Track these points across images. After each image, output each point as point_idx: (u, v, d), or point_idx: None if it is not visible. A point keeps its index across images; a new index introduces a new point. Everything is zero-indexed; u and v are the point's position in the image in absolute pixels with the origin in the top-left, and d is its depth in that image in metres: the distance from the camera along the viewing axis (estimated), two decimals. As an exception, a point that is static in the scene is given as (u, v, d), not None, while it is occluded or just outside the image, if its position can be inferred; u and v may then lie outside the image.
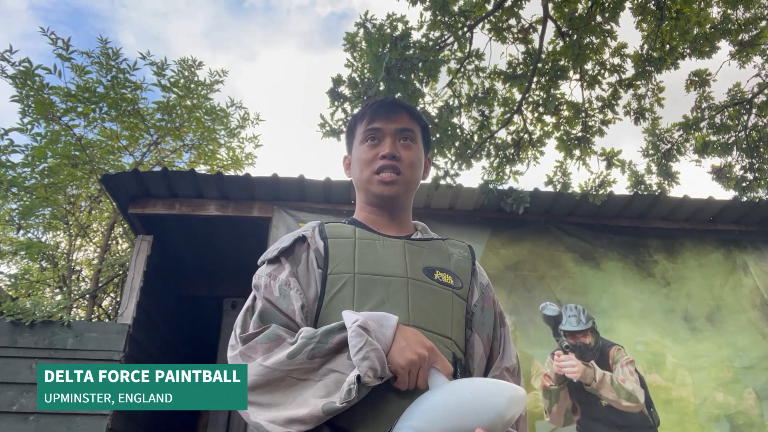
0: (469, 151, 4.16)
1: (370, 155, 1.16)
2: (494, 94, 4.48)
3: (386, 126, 1.17)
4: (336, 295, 1.00)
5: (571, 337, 3.72)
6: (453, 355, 0.99)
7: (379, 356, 0.84)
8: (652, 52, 4.43)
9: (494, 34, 4.30)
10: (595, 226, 4.28)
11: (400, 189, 1.15)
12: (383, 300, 0.98)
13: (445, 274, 1.08)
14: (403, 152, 1.16)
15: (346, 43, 3.69)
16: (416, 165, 1.18)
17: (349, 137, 1.27)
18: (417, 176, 1.20)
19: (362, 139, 1.19)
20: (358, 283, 1.00)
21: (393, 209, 1.18)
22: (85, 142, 4.98)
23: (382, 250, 1.08)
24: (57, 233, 5.87)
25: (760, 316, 4.01)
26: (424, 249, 1.12)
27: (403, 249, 1.09)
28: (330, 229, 1.13)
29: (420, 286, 1.03)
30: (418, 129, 1.22)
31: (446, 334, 1.00)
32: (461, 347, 1.04)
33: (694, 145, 4.83)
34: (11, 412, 3.09)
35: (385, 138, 1.16)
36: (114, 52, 5.02)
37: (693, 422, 3.51)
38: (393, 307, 0.97)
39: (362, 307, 0.97)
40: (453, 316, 1.04)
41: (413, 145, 1.18)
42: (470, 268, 1.15)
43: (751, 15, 4.70)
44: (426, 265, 1.08)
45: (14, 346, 3.28)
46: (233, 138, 6.39)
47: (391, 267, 1.04)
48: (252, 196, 4.04)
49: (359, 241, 1.09)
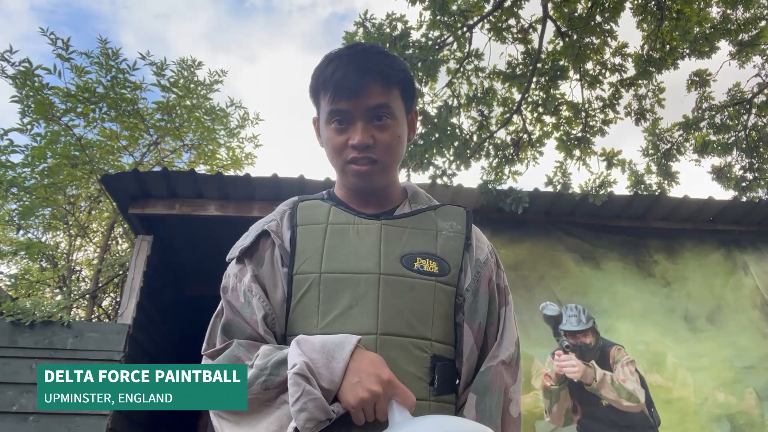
0: (468, 151, 4.16)
1: (338, 141, 0.98)
2: (493, 94, 4.48)
3: (354, 106, 0.96)
4: (302, 299, 0.93)
5: (571, 337, 3.72)
6: (432, 357, 0.91)
7: (318, 405, 0.78)
8: (653, 53, 4.43)
9: (493, 34, 4.30)
10: (595, 227, 4.28)
11: (377, 178, 1.00)
12: (350, 305, 0.90)
13: (427, 260, 0.96)
14: (378, 135, 0.97)
15: (346, 43, 3.69)
16: (396, 143, 1.00)
17: (314, 100, 1.06)
18: (398, 154, 1.03)
19: (327, 119, 0.99)
20: (324, 285, 0.92)
21: (371, 193, 1.05)
22: (84, 143, 4.98)
23: (355, 238, 0.97)
24: (57, 233, 5.87)
25: (760, 316, 4.01)
26: (405, 229, 0.99)
27: (378, 235, 0.97)
28: (303, 211, 1.03)
29: (394, 282, 0.92)
30: (396, 93, 1.01)
31: (424, 335, 0.91)
32: (449, 342, 0.95)
33: (694, 145, 4.84)
34: (11, 412, 3.09)
35: (355, 122, 0.97)
36: (114, 52, 5.02)
37: (694, 422, 3.51)
38: (360, 313, 0.90)
39: (328, 314, 0.90)
40: (435, 311, 0.93)
41: (390, 121, 0.98)
42: (462, 244, 1.00)
43: (750, 15, 4.70)
44: (405, 253, 0.95)
45: (14, 346, 3.28)
46: (233, 138, 6.39)
47: (363, 261, 0.94)
48: (252, 196, 4.04)
49: (331, 228, 0.98)
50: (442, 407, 0.91)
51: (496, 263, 1.06)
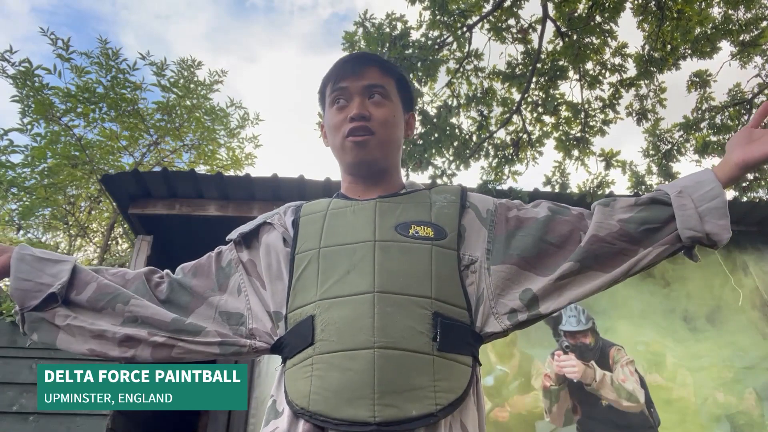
0: (468, 151, 4.16)
1: (338, 119, 1.06)
2: (493, 94, 4.48)
3: (353, 84, 1.06)
4: (302, 274, 0.96)
5: (571, 337, 3.72)
6: (433, 313, 0.89)
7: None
8: (654, 53, 4.43)
9: (493, 34, 4.30)
10: (595, 226, 4.28)
11: (375, 151, 1.05)
12: (347, 270, 0.93)
13: (422, 227, 0.98)
14: (374, 110, 1.05)
15: (345, 42, 3.69)
16: (391, 123, 1.06)
17: (321, 101, 1.15)
18: (394, 135, 1.08)
19: (330, 102, 1.09)
20: (322, 258, 0.96)
21: (373, 174, 1.08)
22: (84, 143, 4.98)
23: (351, 216, 1.01)
24: (57, 233, 5.88)
25: (760, 317, 4.01)
26: (400, 205, 1.02)
27: (373, 210, 1.01)
28: (306, 207, 1.09)
29: (389, 246, 0.94)
30: (392, 83, 1.10)
31: (423, 293, 0.91)
32: (457, 304, 0.93)
33: (694, 146, 4.84)
34: (11, 412, 3.09)
35: (353, 98, 1.05)
36: (114, 52, 5.02)
37: (694, 422, 3.51)
38: (357, 275, 0.92)
39: (326, 282, 0.93)
40: (434, 273, 0.93)
41: (386, 101, 1.07)
42: (457, 212, 1.02)
43: (752, 15, 4.70)
44: (399, 222, 0.98)
45: (14, 346, 3.28)
46: (233, 138, 6.40)
47: (358, 233, 0.97)
48: (252, 196, 4.04)
49: (330, 213, 1.03)
50: (447, 364, 0.87)
51: (507, 205, 1.06)
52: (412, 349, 0.85)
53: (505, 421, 3.42)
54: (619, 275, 0.94)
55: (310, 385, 0.85)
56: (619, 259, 0.94)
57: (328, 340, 0.87)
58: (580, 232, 0.98)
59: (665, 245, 0.93)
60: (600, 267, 0.94)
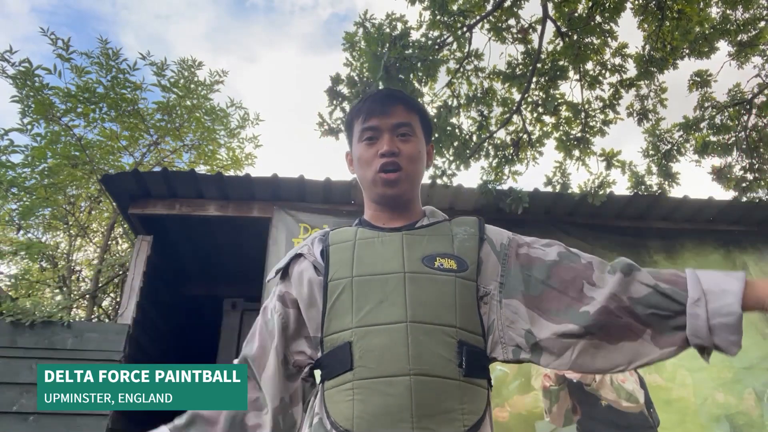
0: (468, 151, 4.16)
1: (369, 154, 1.15)
2: (493, 94, 4.48)
3: (382, 122, 1.15)
4: (336, 301, 1.03)
5: (570, 337, 3.72)
6: (459, 342, 0.98)
7: None
8: (654, 53, 4.43)
9: (493, 34, 4.30)
10: (595, 227, 4.28)
11: (404, 186, 1.14)
12: (381, 300, 1.00)
13: (446, 259, 1.06)
14: (402, 146, 1.14)
15: (345, 43, 3.69)
16: (416, 157, 1.17)
17: (348, 133, 1.26)
18: (419, 168, 1.18)
19: (360, 138, 1.18)
20: (356, 286, 1.03)
21: (398, 205, 1.17)
22: (85, 143, 4.98)
23: (380, 247, 1.09)
24: (57, 233, 5.88)
25: (759, 317, 4.01)
26: (424, 237, 1.10)
27: (401, 242, 1.09)
28: (333, 235, 1.16)
29: (418, 278, 1.02)
30: (416, 119, 1.20)
31: (450, 323, 0.99)
32: (476, 332, 1.02)
33: (694, 146, 4.83)
34: (11, 412, 3.09)
35: (383, 135, 1.15)
36: (114, 52, 5.02)
37: (693, 422, 3.52)
38: (391, 305, 0.99)
39: (361, 310, 1.00)
40: (458, 303, 1.01)
41: (412, 137, 1.17)
42: (476, 244, 1.10)
43: (750, 15, 4.70)
44: (426, 254, 1.06)
45: (14, 346, 3.28)
46: (233, 138, 6.40)
47: (389, 264, 1.05)
48: (252, 196, 4.04)
49: (359, 242, 1.11)
50: (471, 388, 0.96)
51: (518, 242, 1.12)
52: (444, 376, 0.94)
53: (505, 421, 3.42)
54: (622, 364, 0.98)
55: (353, 408, 0.93)
56: (626, 333, 0.98)
57: (367, 367, 0.95)
58: (583, 280, 1.03)
59: (673, 346, 0.96)
60: (605, 336, 0.99)
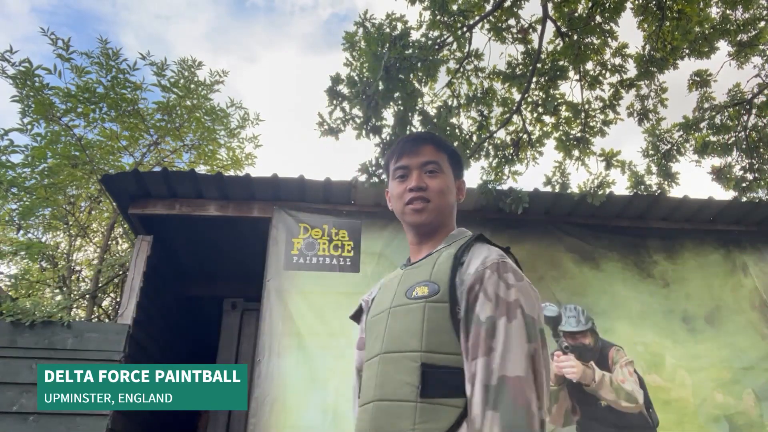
0: (468, 151, 4.16)
1: (400, 190, 1.29)
2: (493, 94, 4.48)
3: (412, 161, 1.29)
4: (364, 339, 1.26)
5: (570, 338, 3.73)
6: (421, 365, 1.01)
7: None
8: (654, 53, 4.43)
9: (493, 34, 4.30)
10: (594, 227, 4.28)
11: (430, 215, 1.24)
12: (375, 336, 1.17)
13: (421, 287, 1.11)
14: (430, 182, 1.26)
15: (345, 43, 3.69)
16: (444, 191, 1.27)
17: (386, 172, 1.41)
18: (446, 200, 1.28)
19: (393, 176, 1.33)
20: (369, 326, 1.24)
21: (428, 233, 1.27)
22: (85, 143, 4.99)
23: (390, 286, 1.24)
24: (57, 233, 5.88)
25: (759, 317, 4.01)
26: (419, 268, 1.18)
27: (399, 279, 1.22)
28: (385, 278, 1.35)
29: (396, 311, 1.13)
30: (445, 157, 1.32)
31: (414, 348, 1.04)
32: (447, 351, 1.01)
33: (694, 146, 4.84)
34: (11, 412, 3.09)
35: (412, 172, 1.28)
36: (114, 52, 5.02)
37: (692, 423, 3.52)
38: (377, 340, 1.15)
39: (372, 348, 1.16)
40: (425, 327, 1.04)
41: (439, 174, 1.28)
42: (450, 267, 1.08)
43: (750, 15, 4.70)
44: (409, 286, 1.15)
45: (14, 346, 3.28)
46: (233, 138, 6.39)
47: (386, 302, 1.19)
48: (252, 196, 4.04)
49: (383, 284, 1.31)
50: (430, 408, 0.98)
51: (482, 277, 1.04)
52: (399, 399, 1.02)
53: (504, 421, 3.42)
54: None
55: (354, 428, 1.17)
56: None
57: (362, 396, 1.15)
58: (470, 358, 0.99)
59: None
60: None
